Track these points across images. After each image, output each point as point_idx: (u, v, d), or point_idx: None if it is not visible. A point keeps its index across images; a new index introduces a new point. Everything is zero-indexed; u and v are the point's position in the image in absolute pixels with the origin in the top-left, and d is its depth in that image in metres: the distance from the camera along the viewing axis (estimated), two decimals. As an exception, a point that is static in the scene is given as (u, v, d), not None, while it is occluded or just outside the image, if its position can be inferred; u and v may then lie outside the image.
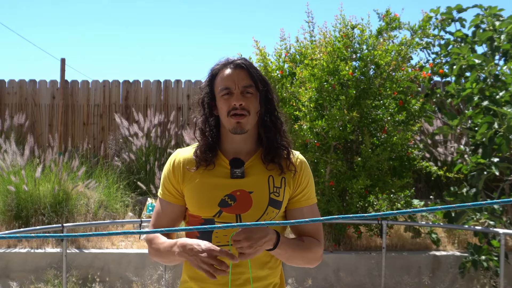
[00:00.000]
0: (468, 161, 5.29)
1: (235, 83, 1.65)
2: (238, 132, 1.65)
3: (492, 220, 4.88)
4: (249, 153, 1.71)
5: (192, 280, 1.69)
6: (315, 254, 1.68)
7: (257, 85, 1.67)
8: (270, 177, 1.68)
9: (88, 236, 1.06)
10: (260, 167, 1.69)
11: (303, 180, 1.72)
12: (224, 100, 1.65)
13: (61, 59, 8.18)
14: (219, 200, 1.64)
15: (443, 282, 4.97)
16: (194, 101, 1.80)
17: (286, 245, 1.59)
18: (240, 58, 1.70)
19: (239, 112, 1.63)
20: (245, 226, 1.29)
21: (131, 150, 7.53)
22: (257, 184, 1.66)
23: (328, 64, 5.06)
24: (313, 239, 1.69)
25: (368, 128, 5.28)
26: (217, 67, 1.71)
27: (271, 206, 1.65)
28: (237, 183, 1.65)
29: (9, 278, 5.01)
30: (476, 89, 5.24)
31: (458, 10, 6.11)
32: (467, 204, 1.07)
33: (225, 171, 1.67)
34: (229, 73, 1.66)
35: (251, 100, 1.65)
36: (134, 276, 4.89)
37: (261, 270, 1.66)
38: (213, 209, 1.64)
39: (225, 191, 1.64)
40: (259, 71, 1.71)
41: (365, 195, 5.16)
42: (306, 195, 1.72)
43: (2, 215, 5.73)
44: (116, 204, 6.31)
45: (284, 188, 1.68)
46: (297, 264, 1.68)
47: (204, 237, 1.63)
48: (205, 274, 1.50)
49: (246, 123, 1.64)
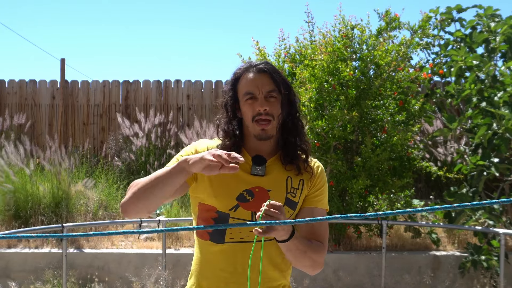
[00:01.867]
0: (468, 161, 5.29)
1: (259, 88, 1.67)
2: (263, 138, 1.68)
3: (492, 220, 4.89)
4: (270, 153, 1.73)
5: (201, 277, 1.68)
6: (320, 258, 1.68)
7: (279, 88, 1.68)
8: (289, 178, 1.70)
9: (88, 236, 1.06)
10: (280, 167, 1.71)
11: (317, 183, 1.74)
12: (248, 105, 1.67)
13: (61, 59, 8.19)
14: (238, 194, 1.65)
15: (443, 282, 4.97)
16: (218, 103, 1.80)
17: (299, 242, 1.58)
18: (262, 62, 1.71)
19: (263, 118, 1.65)
20: (244, 226, 1.29)
21: (131, 150, 7.53)
22: (275, 183, 1.68)
23: (328, 64, 5.06)
24: (318, 242, 1.69)
25: (368, 128, 5.28)
26: (240, 71, 1.72)
27: (287, 205, 1.67)
28: (257, 180, 1.67)
29: (9, 278, 5.01)
30: (474, 90, 5.24)
31: (457, 10, 6.11)
32: (467, 204, 1.07)
33: (246, 166, 1.68)
34: (252, 78, 1.68)
35: (275, 104, 1.67)
36: (133, 276, 4.88)
37: (273, 272, 1.67)
38: (230, 202, 1.65)
39: (244, 186, 1.66)
40: (282, 74, 1.72)
41: (365, 195, 5.16)
42: (318, 197, 1.74)
43: (1, 215, 5.74)
44: (116, 204, 6.31)
45: (301, 190, 1.71)
46: (304, 265, 1.66)
47: (217, 233, 1.65)
48: (218, 165, 1.45)
49: (271, 129, 1.67)
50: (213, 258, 1.66)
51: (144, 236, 5.67)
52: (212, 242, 1.66)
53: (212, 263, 1.67)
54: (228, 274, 1.63)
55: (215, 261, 1.66)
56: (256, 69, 1.69)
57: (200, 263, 1.70)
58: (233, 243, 1.63)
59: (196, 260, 1.72)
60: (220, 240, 1.65)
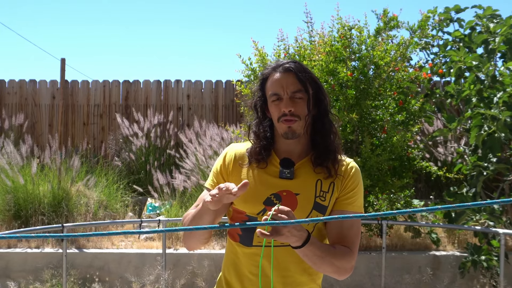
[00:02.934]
0: (468, 162, 5.29)
1: (284, 89, 1.64)
2: (289, 137, 1.65)
3: (492, 220, 4.89)
4: (300, 155, 1.70)
5: (231, 276, 1.71)
6: (345, 264, 1.61)
7: (306, 88, 1.65)
8: (319, 181, 1.66)
9: (88, 236, 1.06)
10: (310, 170, 1.68)
11: (349, 184, 1.69)
12: (274, 106, 1.66)
13: (61, 59, 8.17)
14: (265, 198, 1.64)
15: (443, 282, 4.97)
16: (247, 105, 1.81)
17: (315, 247, 1.52)
18: (289, 61, 1.68)
19: (289, 118, 1.63)
20: (257, 225, 1.29)
21: (131, 150, 7.53)
22: (304, 186, 1.65)
23: (327, 65, 5.06)
24: (345, 248, 1.63)
25: (368, 129, 5.28)
26: (267, 71, 1.70)
27: (316, 210, 1.64)
28: (285, 184, 1.65)
29: (9, 278, 5.01)
30: (474, 91, 5.24)
31: (456, 11, 6.11)
32: (467, 204, 1.07)
33: (275, 170, 1.67)
34: (278, 78, 1.66)
35: (301, 105, 1.64)
36: (133, 276, 4.89)
37: (301, 276, 1.66)
38: (258, 206, 1.64)
39: (272, 189, 1.64)
40: (310, 73, 1.68)
41: (365, 195, 5.16)
42: (350, 200, 1.68)
43: (1, 214, 5.74)
44: (116, 204, 6.31)
45: (331, 193, 1.66)
46: (326, 270, 1.62)
47: (246, 236, 1.66)
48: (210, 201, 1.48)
49: (297, 128, 1.64)
50: (241, 260, 1.69)
51: (144, 236, 5.67)
52: (241, 245, 1.68)
53: (239, 265, 1.69)
54: (254, 277, 1.64)
55: (243, 263, 1.68)
56: (282, 68, 1.66)
57: (229, 262, 1.73)
58: (260, 247, 1.62)
59: (225, 258, 1.76)
60: (248, 244, 1.66)
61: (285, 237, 1.45)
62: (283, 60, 1.71)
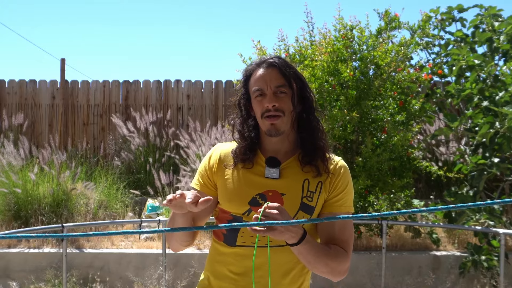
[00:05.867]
0: (468, 161, 5.29)
1: (267, 84, 1.59)
2: (273, 134, 1.60)
3: (492, 220, 4.88)
4: (287, 154, 1.65)
5: (212, 276, 1.70)
6: (340, 265, 1.56)
7: (290, 83, 1.60)
8: (306, 180, 1.61)
9: (88, 236, 1.06)
10: (297, 169, 1.63)
11: (339, 185, 1.64)
12: (257, 102, 1.61)
13: (61, 59, 8.19)
14: (250, 198, 1.59)
15: (444, 282, 4.96)
16: (230, 103, 1.75)
17: (311, 246, 1.48)
18: (273, 57, 1.64)
19: (273, 114, 1.58)
20: (250, 225, 1.29)
21: (130, 150, 7.53)
22: (290, 186, 1.60)
23: (328, 65, 5.06)
24: (340, 249, 1.59)
25: (368, 129, 5.28)
26: (251, 68, 1.66)
27: (302, 210, 1.59)
28: (271, 183, 1.60)
29: (9, 278, 5.01)
30: (475, 90, 5.24)
31: (459, 10, 6.11)
32: (467, 204, 1.07)
33: (261, 169, 1.63)
34: (261, 74, 1.61)
35: (285, 100, 1.59)
36: (134, 276, 4.88)
37: (283, 278, 1.60)
38: (243, 206, 1.60)
39: (257, 189, 1.60)
40: (294, 68, 1.64)
41: (365, 195, 5.16)
42: (341, 201, 1.64)
43: (1, 215, 5.73)
44: (116, 204, 6.31)
45: (319, 193, 1.61)
46: (320, 271, 1.56)
47: (230, 236, 1.63)
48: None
49: (280, 124, 1.59)
50: (224, 259, 1.66)
51: (144, 236, 5.67)
52: (224, 244, 1.66)
53: (222, 264, 1.66)
54: (237, 277, 1.62)
55: (226, 263, 1.65)
56: (266, 63, 1.62)
57: (212, 262, 1.71)
58: (244, 247, 1.61)
59: (209, 258, 1.73)
60: (232, 243, 1.64)
61: (279, 233, 1.40)
62: (267, 56, 1.66)
